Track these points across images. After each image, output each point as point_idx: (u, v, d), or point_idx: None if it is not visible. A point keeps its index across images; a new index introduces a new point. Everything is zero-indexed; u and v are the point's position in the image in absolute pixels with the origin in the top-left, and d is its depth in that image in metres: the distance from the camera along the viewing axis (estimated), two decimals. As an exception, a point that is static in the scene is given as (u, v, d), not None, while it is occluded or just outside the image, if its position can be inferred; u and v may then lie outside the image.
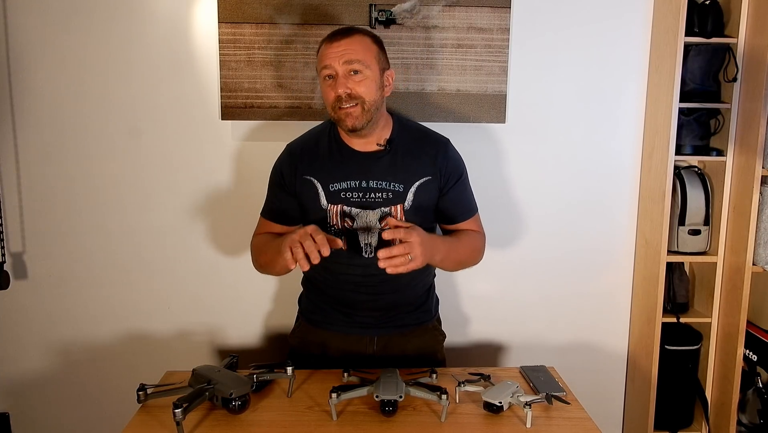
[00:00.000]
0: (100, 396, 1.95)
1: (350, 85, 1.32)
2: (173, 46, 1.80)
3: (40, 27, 1.77)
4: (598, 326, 2.04)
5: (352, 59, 1.32)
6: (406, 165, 1.42)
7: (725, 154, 1.85)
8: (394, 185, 1.40)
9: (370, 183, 1.40)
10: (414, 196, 1.41)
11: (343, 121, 1.35)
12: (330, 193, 1.40)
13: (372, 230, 1.39)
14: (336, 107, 1.34)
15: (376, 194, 1.39)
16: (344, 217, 1.40)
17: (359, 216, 1.39)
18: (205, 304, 1.93)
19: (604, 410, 2.08)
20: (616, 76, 1.90)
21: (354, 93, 1.32)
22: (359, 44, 1.34)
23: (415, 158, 1.43)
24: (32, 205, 1.86)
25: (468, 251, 1.48)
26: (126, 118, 1.83)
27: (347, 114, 1.33)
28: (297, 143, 1.50)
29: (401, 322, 1.51)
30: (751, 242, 1.78)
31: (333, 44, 1.33)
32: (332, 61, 1.32)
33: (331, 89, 1.34)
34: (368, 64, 1.34)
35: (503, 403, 1.21)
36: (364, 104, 1.33)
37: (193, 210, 1.88)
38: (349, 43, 1.33)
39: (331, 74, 1.34)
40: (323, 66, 1.34)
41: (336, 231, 1.41)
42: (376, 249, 1.34)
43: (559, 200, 1.95)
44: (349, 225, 1.39)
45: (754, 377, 1.90)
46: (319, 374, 1.39)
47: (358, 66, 1.32)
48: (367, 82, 1.33)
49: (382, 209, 1.39)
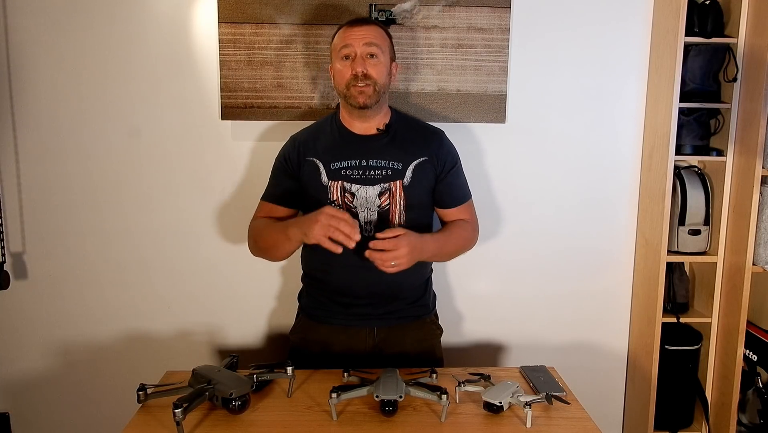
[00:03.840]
0: (100, 396, 1.95)
1: (367, 66, 1.43)
2: (173, 46, 1.80)
3: (40, 27, 1.77)
4: (598, 326, 2.04)
5: (372, 42, 1.43)
6: (403, 146, 1.51)
7: (725, 154, 1.85)
8: (392, 163, 1.47)
9: (369, 161, 1.47)
10: (412, 174, 1.48)
11: (355, 98, 1.44)
12: (331, 171, 1.47)
13: (371, 206, 1.45)
14: (350, 85, 1.43)
15: (376, 171, 1.46)
16: (344, 192, 1.46)
17: (359, 192, 1.45)
18: (205, 304, 1.93)
19: (604, 410, 2.08)
20: (616, 76, 1.90)
21: (369, 74, 1.43)
22: (377, 32, 1.46)
23: (411, 142, 1.52)
24: (32, 205, 1.86)
25: (458, 244, 1.55)
26: (126, 118, 1.83)
27: (360, 92, 1.43)
28: (301, 133, 1.59)
29: (400, 314, 1.53)
30: (751, 242, 1.78)
31: (354, 28, 1.44)
32: (354, 41, 1.43)
33: (347, 69, 1.44)
34: (383, 50, 1.46)
35: (503, 403, 1.21)
36: (375, 85, 1.44)
37: (193, 210, 1.88)
38: (369, 30, 1.45)
39: (350, 54, 1.44)
40: (344, 45, 1.44)
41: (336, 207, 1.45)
42: (376, 228, 1.44)
43: (559, 200, 1.95)
44: (349, 201, 1.45)
45: (754, 377, 1.90)
46: (319, 374, 1.39)
47: (375, 50, 1.43)
48: (381, 67, 1.45)
49: (382, 185, 1.46)
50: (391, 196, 1.46)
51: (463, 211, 1.58)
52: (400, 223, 1.47)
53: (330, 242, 1.29)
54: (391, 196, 1.46)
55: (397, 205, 1.46)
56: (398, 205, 1.46)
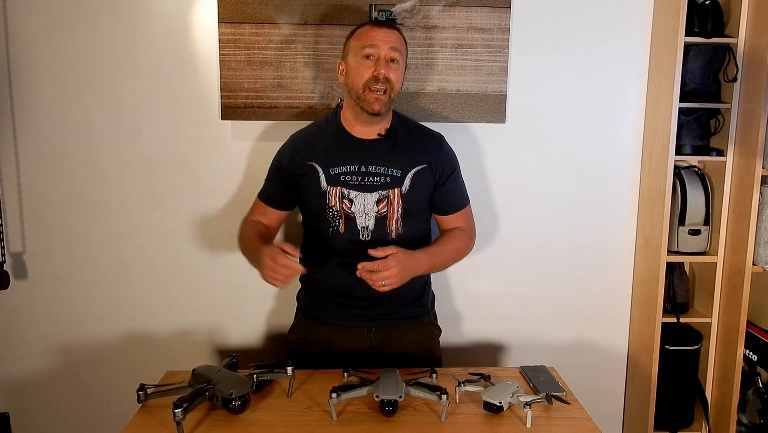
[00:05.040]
0: (100, 396, 1.95)
1: (389, 70, 1.42)
2: (173, 46, 1.80)
3: (40, 27, 1.77)
4: (598, 325, 2.04)
5: (396, 48, 1.43)
6: (403, 153, 1.50)
7: (725, 154, 1.85)
8: (392, 171, 1.47)
9: (369, 168, 1.46)
10: (411, 182, 1.47)
11: (371, 105, 1.42)
12: (330, 176, 1.46)
13: (369, 212, 1.45)
14: (368, 87, 1.41)
15: (375, 178, 1.46)
16: (343, 199, 1.45)
17: (357, 198, 1.45)
18: (205, 304, 1.93)
19: (604, 410, 2.08)
20: (616, 75, 1.90)
21: (390, 78, 1.42)
22: (400, 38, 1.47)
23: (411, 148, 1.51)
24: (32, 205, 1.86)
25: (451, 256, 1.54)
26: (126, 118, 1.83)
27: (377, 99, 1.42)
28: (301, 133, 1.58)
29: (398, 315, 1.54)
30: (751, 242, 1.78)
31: (381, 30, 1.43)
32: (380, 43, 1.41)
33: (368, 69, 1.41)
34: (403, 57, 1.47)
35: (503, 403, 1.21)
36: (391, 92, 1.43)
37: (193, 210, 1.88)
38: (395, 35, 1.45)
39: (373, 54, 1.41)
40: (369, 45, 1.41)
41: (335, 213, 1.46)
42: (373, 233, 1.45)
43: (559, 200, 1.95)
44: (347, 207, 1.45)
45: (754, 377, 1.90)
46: (319, 374, 1.39)
47: (397, 56, 1.44)
48: (399, 74, 1.45)
49: (380, 192, 1.45)
50: (389, 204, 1.46)
51: (460, 218, 1.57)
52: (397, 229, 1.47)
53: (278, 282, 1.30)
54: (389, 204, 1.46)
55: (395, 213, 1.46)
56: (396, 212, 1.46)
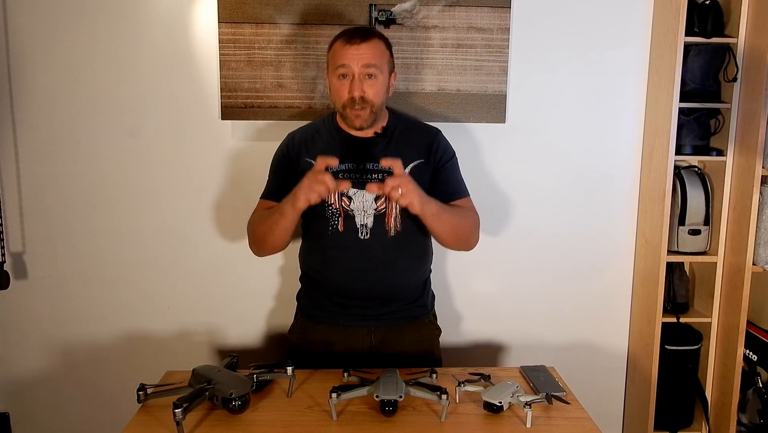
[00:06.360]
0: (100, 396, 1.95)
1: (365, 89, 1.39)
2: (173, 46, 1.80)
3: (40, 27, 1.77)
4: (598, 325, 2.04)
5: (370, 63, 1.38)
6: (400, 149, 1.48)
7: (725, 154, 1.85)
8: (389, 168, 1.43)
9: (367, 165, 1.47)
10: None
11: (352, 121, 1.43)
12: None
13: (368, 210, 1.45)
14: (347, 106, 1.41)
15: (373, 176, 1.46)
16: (341, 196, 1.46)
17: (356, 196, 1.45)
18: (205, 304, 1.93)
19: (604, 410, 2.08)
20: (616, 75, 1.90)
21: (366, 97, 1.39)
22: (377, 49, 1.40)
23: (408, 144, 1.51)
24: (32, 205, 1.86)
25: (461, 220, 1.47)
26: (126, 118, 1.83)
27: (357, 116, 1.41)
28: (298, 132, 1.58)
29: (398, 315, 1.53)
30: (751, 242, 1.78)
31: (352, 45, 1.38)
32: (351, 62, 1.38)
33: (344, 89, 1.40)
34: (381, 69, 1.41)
35: (503, 403, 1.21)
36: (372, 107, 1.41)
37: (192, 210, 1.88)
38: (368, 48, 1.38)
39: (346, 74, 1.39)
40: (340, 64, 1.39)
41: (334, 211, 1.46)
42: (372, 231, 1.44)
43: (559, 200, 1.95)
44: (346, 204, 1.45)
45: (754, 377, 1.90)
46: (319, 374, 1.39)
47: (373, 71, 1.39)
48: (378, 87, 1.41)
49: None
50: (387, 201, 1.45)
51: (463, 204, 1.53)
52: (396, 227, 1.47)
53: (317, 197, 1.28)
54: (387, 201, 1.45)
55: (393, 209, 1.46)
56: (394, 208, 1.46)
